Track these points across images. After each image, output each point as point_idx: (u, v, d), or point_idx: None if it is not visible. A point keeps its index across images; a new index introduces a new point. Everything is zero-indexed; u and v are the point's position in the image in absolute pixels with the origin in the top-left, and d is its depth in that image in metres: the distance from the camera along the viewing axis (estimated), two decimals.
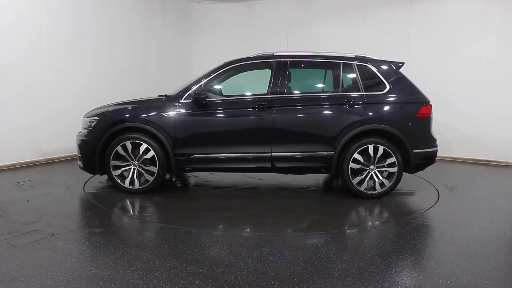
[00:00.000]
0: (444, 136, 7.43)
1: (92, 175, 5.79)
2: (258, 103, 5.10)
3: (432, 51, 7.90)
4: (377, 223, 4.43)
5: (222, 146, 5.13)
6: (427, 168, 5.34)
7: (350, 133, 5.00)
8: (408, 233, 4.00)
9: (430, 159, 5.21)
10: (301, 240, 3.83)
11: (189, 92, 5.14)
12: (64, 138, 7.17)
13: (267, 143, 5.08)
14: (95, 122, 5.20)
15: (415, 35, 8.03)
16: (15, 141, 6.56)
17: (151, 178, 5.10)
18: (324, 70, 5.62)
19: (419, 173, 5.55)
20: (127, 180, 5.13)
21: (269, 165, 5.13)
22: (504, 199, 5.41)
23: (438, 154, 5.32)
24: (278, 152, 5.09)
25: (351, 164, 5.01)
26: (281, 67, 5.23)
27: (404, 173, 5.18)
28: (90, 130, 5.21)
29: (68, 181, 5.77)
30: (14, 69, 6.47)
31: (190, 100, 5.10)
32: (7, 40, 6.36)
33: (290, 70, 5.27)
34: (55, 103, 7.06)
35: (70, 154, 7.30)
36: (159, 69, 9.25)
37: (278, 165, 5.14)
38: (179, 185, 5.95)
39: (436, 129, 5.43)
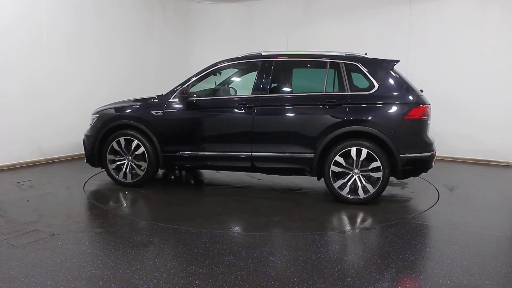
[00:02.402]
0: (444, 136, 7.43)
1: (91, 176, 5.95)
2: (239, 103, 5.11)
3: (432, 51, 7.89)
4: (376, 223, 4.39)
5: (204, 145, 5.20)
6: None
7: (331, 135, 4.79)
8: (408, 233, 3.99)
9: (422, 164, 4.82)
10: (301, 240, 3.83)
11: (176, 92, 5.30)
12: (64, 138, 7.18)
13: (247, 142, 5.06)
14: (96, 119, 5.55)
15: (415, 35, 8.02)
16: (15, 141, 6.55)
17: (141, 173, 5.35)
18: (310, 69, 5.54)
19: None
20: (121, 174, 5.43)
21: (249, 164, 5.10)
22: (504, 199, 5.40)
23: (438, 154, 5.05)
24: (258, 152, 5.04)
25: (332, 167, 4.79)
26: (265, 66, 5.17)
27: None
28: (92, 126, 5.57)
29: (68, 181, 5.77)
30: (14, 69, 6.45)
31: (177, 100, 5.26)
32: (7, 40, 6.35)
33: (275, 69, 5.17)
34: (55, 103, 7.05)
35: (70, 154, 7.29)
36: (159, 68, 9.24)
37: (258, 165, 5.10)
38: (192, 181, 6.18)
39: (436, 129, 5.34)
